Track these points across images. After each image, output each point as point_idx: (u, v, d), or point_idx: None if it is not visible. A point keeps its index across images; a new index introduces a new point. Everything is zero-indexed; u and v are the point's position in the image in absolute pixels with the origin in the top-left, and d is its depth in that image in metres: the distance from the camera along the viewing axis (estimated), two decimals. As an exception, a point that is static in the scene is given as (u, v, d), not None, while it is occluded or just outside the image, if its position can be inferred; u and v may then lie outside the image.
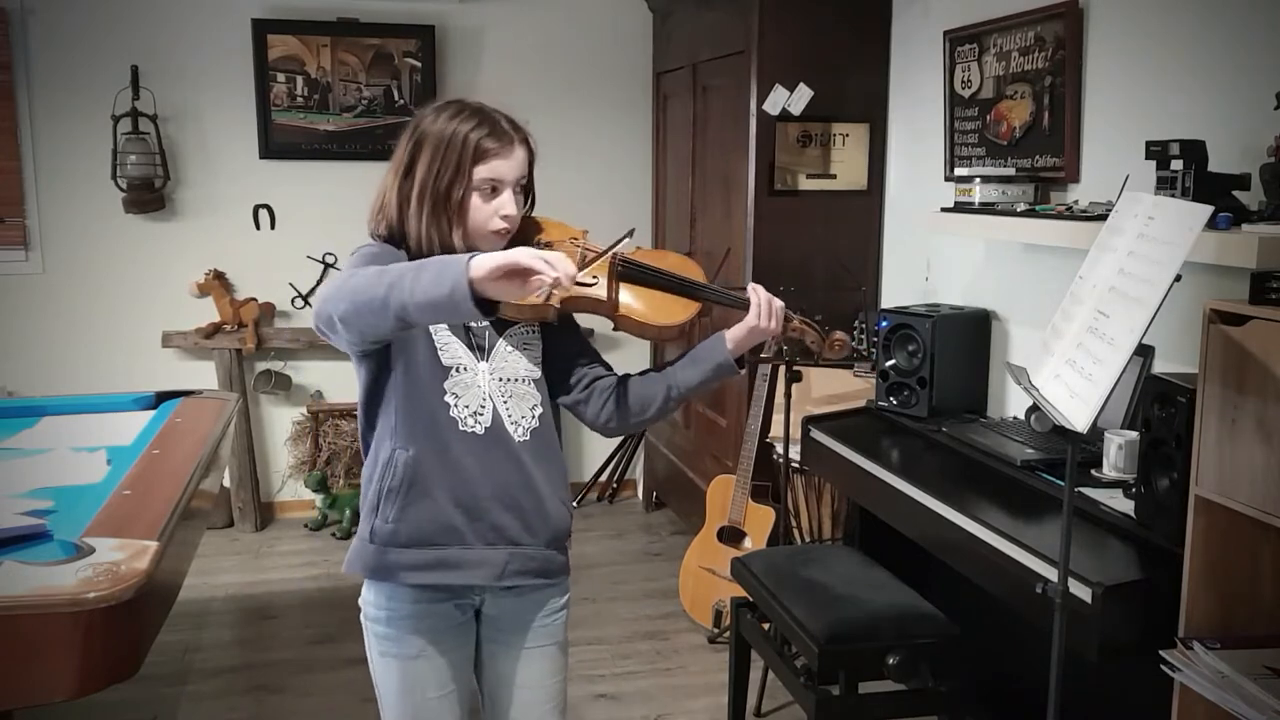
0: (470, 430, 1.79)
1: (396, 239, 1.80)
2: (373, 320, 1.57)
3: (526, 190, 1.84)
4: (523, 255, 1.50)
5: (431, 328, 1.78)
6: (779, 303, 1.90)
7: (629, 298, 1.84)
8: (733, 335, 1.89)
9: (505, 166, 1.77)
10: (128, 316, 4.77)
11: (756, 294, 1.89)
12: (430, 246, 1.76)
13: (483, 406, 1.80)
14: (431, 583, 1.81)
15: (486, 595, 1.88)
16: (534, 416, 1.85)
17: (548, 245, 1.84)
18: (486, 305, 1.52)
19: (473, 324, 1.81)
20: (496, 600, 1.89)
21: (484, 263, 1.49)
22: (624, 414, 1.91)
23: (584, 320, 1.95)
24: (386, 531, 1.79)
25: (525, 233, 1.84)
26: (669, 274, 1.87)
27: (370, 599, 1.86)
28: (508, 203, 1.78)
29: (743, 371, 1.96)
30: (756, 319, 1.87)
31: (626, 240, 1.81)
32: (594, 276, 1.81)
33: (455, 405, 1.79)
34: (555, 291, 1.54)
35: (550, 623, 1.94)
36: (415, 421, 1.78)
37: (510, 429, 1.82)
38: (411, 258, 1.76)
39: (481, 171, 1.75)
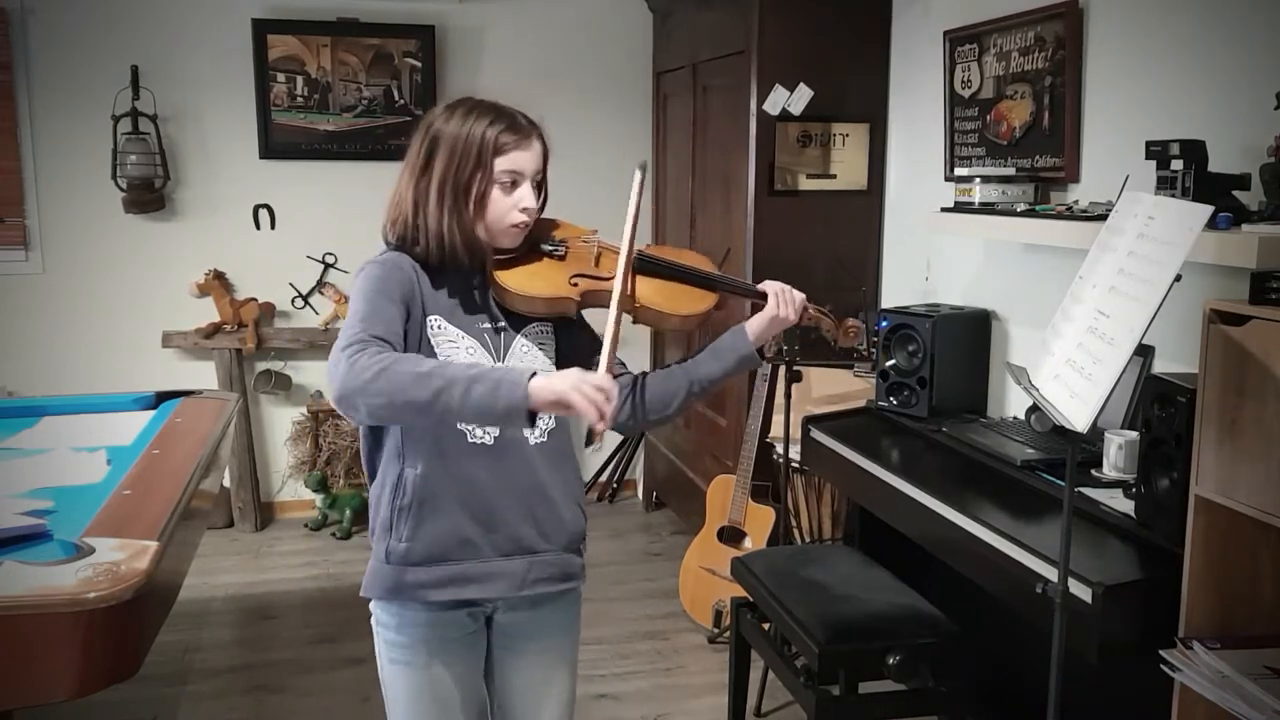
0: (479, 441, 1.78)
1: (409, 241, 1.78)
2: (410, 417, 1.60)
3: (540, 186, 1.84)
4: (575, 397, 1.54)
5: (434, 339, 1.76)
6: (799, 293, 1.92)
7: (647, 290, 1.86)
8: (753, 326, 1.90)
9: (524, 159, 1.78)
10: (128, 316, 4.77)
11: (770, 285, 1.90)
12: (451, 240, 1.75)
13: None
14: (451, 598, 1.80)
15: (501, 604, 1.87)
16: (550, 417, 1.83)
17: (562, 243, 1.86)
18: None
19: (489, 324, 1.82)
20: (511, 608, 1.88)
21: (541, 396, 1.55)
22: (645, 411, 1.89)
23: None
24: (401, 551, 1.77)
25: (540, 231, 1.85)
26: (684, 266, 1.90)
27: (381, 606, 1.85)
28: (527, 195, 1.78)
29: (765, 361, 1.98)
30: (776, 309, 1.88)
31: (638, 175, 1.84)
32: (611, 271, 1.83)
33: None
34: (598, 429, 1.58)
35: (563, 629, 1.94)
36: (421, 438, 1.76)
37: (525, 432, 1.80)
38: (427, 258, 1.76)
39: (502, 164, 1.75)
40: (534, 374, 1.56)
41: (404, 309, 1.72)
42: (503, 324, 1.83)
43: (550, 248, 1.86)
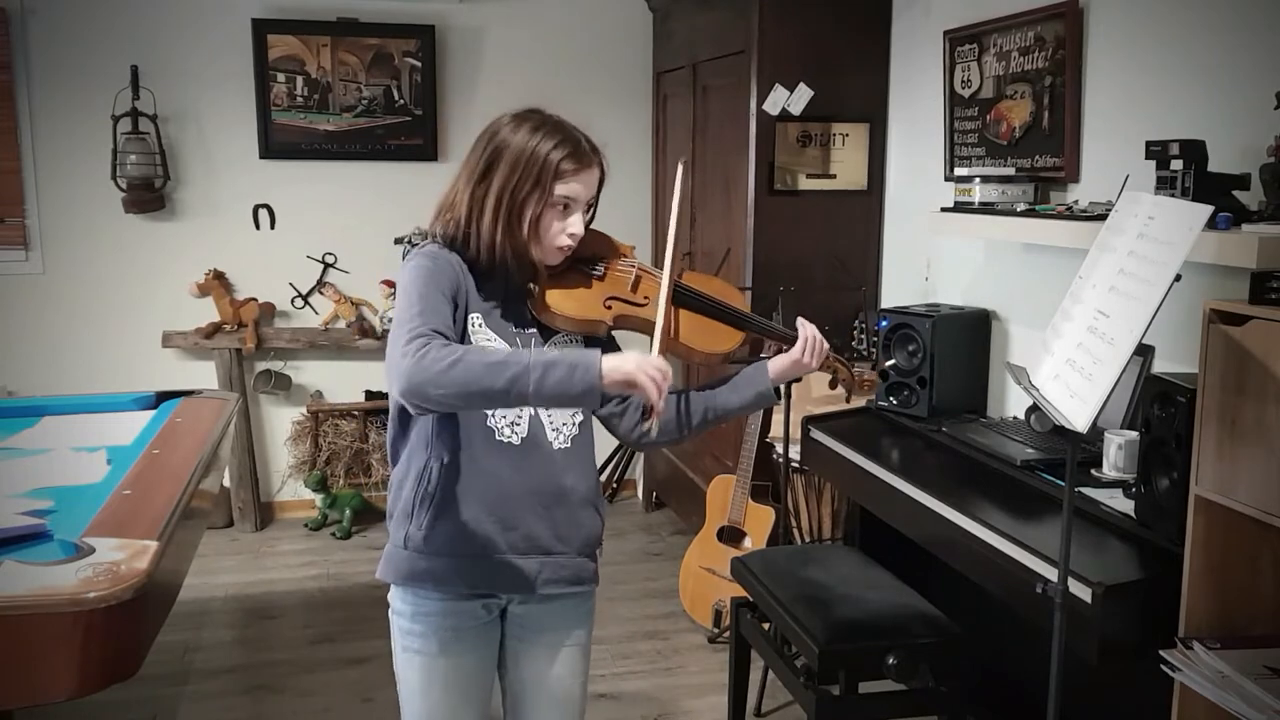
0: (506, 440, 1.81)
1: (460, 242, 1.79)
2: (484, 404, 1.65)
3: (590, 208, 1.86)
4: (642, 377, 1.60)
5: (473, 336, 1.78)
6: (825, 342, 1.95)
7: (680, 322, 1.88)
8: (775, 366, 1.94)
9: (581, 187, 1.79)
10: (128, 316, 4.77)
11: (805, 329, 1.94)
12: (503, 254, 1.77)
13: (519, 416, 1.81)
14: (463, 591, 1.83)
15: (515, 597, 1.90)
16: (574, 424, 1.87)
17: (601, 262, 1.88)
18: None
19: (519, 330, 1.84)
20: (524, 603, 1.91)
21: (612, 377, 1.60)
22: (660, 430, 1.91)
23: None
24: (419, 539, 1.80)
25: (584, 245, 1.86)
26: (720, 302, 1.92)
27: (398, 594, 1.88)
28: (577, 223, 1.80)
29: (780, 401, 2.02)
30: (801, 354, 1.92)
31: (680, 168, 1.88)
32: (646, 297, 1.85)
33: (492, 416, 1.80)
34: (658, 409, 1.65)
35: (575, 625, 1.96)
36: (452, 432, 1.79)
37: (550, 436, 1.84)
38: (475, 263, 1.78)
39: (560, 189, 1.77)
40: (602, 356, 1.60)
41: (453, 303, 1.75)
42: (533, 332, 1.85)
43: (590, 268, 1.87)
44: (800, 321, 1.95)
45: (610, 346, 1.93)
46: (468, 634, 1.87)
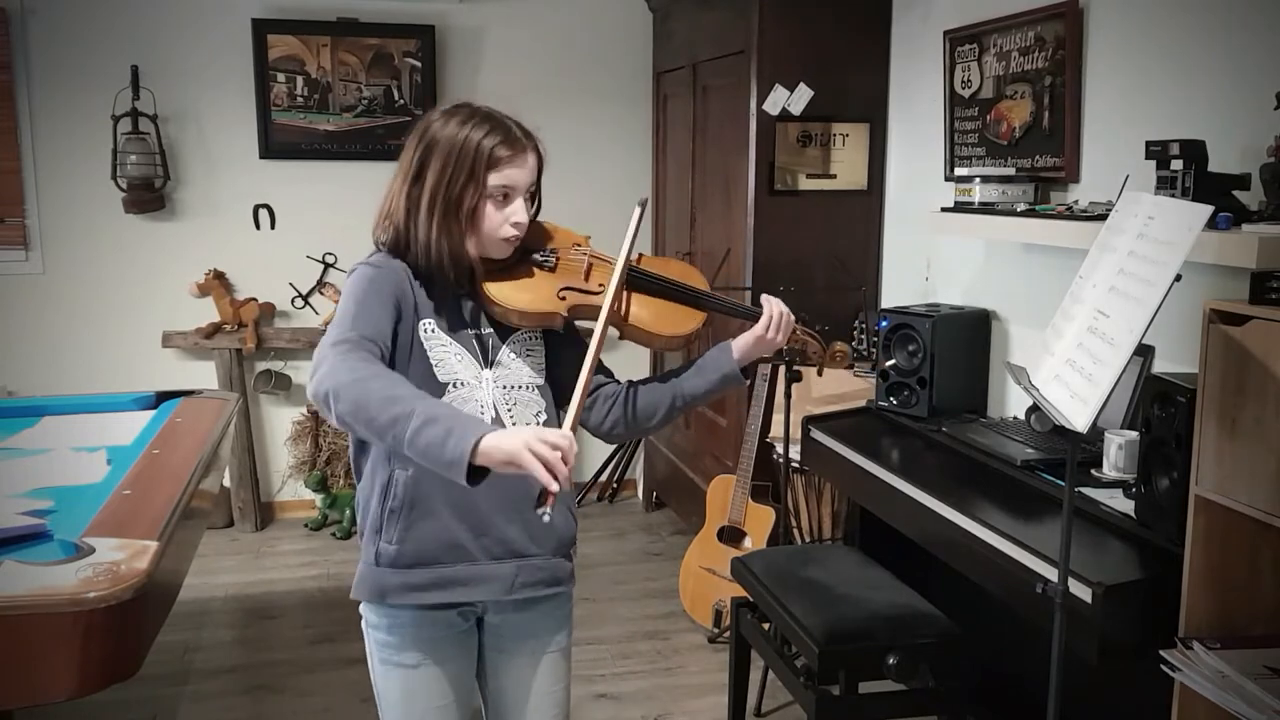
0: None
1: (401, 246, 1.77)
2: (366, 434, 1.56)
3: (534, 196, 1.84)
4: (527, 457, 1.44)
5: (426, 343, 1.75)
6: (790, 314, 1.90)
7: (637, 307, 1.84)
8: (739, 345, 1.89)
9: (517, 174, 1.76)
10: (128, 316, 4.77)
11: (770, 305, 1.89)
12: (439, 254, 1.74)
13: (481, 417, 1.77)
14: (440, 601, 1.80)
15: (491, 605, 1.87)
16: (537, 424, 1.83)
17: (553, 253, 1.85)
18: (477, 471, 1.48)
19: (475, 331, 1.81)
20: (501, 610, 1.88)
21: (491, 454, 1.46)
22: (628, 422, 1.89)
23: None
24: (391, 554, 1.77)
25: (531, 237, 1.84)
26: (677, 283, 1.87)
27: (371, 608, 1.85)
28: (519, 210, 1.77)
29: (748, 381, 1.96)
30: (765, 330, 1.87)
31: (637, 210, 1.80)
32: (600, 285, 1.81)
33: None
34: (551, 490, 1.45)
35: (554, 629, 1.93)
36: None
37: None
38: (417, 266, 1.76)
39: (494, 179, 1.73)
40: (490, 430, 1.48)
41: (394, 311, 1.71)
42: (490, 331, 1.82)
43: (541, 258, 1.84)
44: (765, 298, 1.90)
45: (570, 340, 1.90)
46: (446, 643, 1.84)
